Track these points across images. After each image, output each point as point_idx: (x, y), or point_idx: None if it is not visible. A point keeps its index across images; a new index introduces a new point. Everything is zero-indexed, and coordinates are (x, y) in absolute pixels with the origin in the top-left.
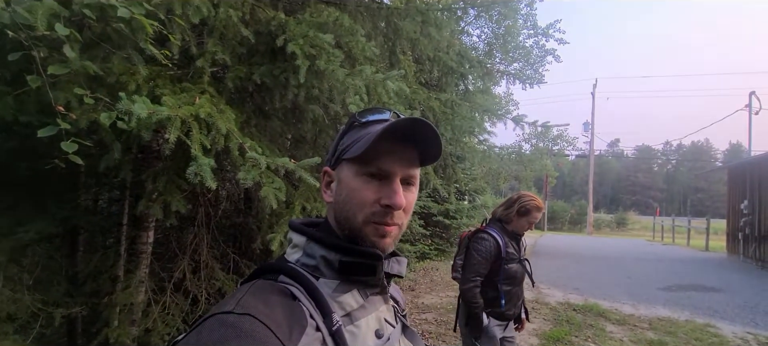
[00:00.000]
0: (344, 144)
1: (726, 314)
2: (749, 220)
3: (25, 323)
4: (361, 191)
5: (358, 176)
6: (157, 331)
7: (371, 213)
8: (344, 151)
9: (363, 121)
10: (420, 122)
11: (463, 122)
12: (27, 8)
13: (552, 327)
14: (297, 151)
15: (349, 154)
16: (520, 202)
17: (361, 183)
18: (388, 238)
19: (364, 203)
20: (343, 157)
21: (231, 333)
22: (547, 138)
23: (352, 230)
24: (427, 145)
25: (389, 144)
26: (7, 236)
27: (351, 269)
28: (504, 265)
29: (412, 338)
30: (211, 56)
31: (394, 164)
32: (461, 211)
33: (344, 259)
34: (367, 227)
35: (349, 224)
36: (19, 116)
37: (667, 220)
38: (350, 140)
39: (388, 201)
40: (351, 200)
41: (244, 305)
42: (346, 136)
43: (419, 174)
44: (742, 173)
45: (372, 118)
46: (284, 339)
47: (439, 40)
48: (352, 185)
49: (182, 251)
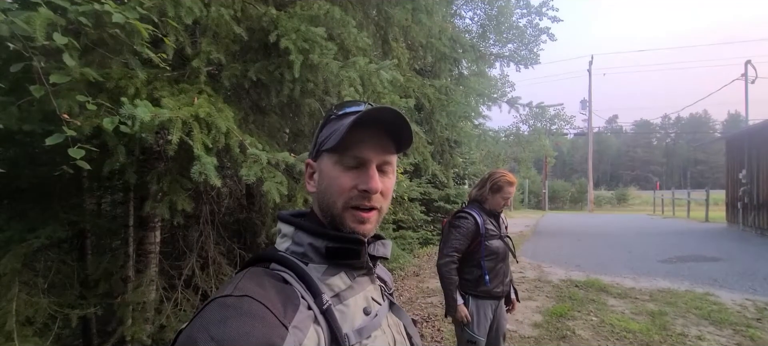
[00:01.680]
0: (323, 136)
1: (725, 283)
2: (748, 189)
3: (43, 325)
4: (339, 179)
5: (336, 165)
6: (170, 327)
7: (349, 198)
8: (323, 143)
9: (340, 113)
10: (387, 109)
11: (458, 107)
12: (25, 19)
13: (554, 304)
14: (296, 144)
15: (327, 145)
16: (492, 179)
17: (339, 172)
18: (367, 223)
19: (343, 189)
20: (322, 149)
21: (232, 313)
22: (545, 118)
23: (333, 217)
24: (399, 132)
25: (363, 133)
26: (19, 243)
27: (337, 254)
28: (484, 241)
29: (399, 314)
30: (206, 56)
31: (368, 152)
32: (461, 195)
33: (330, 245)
34: (346, 213)
35: (330, 211)
36: (23, 125)
37: (667, 193)
38: (328, 132)
39: (364, 186)
40: (331, 188)
41: (242, 289)
42: (325, 128)
43: (396, 161)
44: (740, 143)
45: (348, 110)
46: (280, 316)
47: (430, 26)
48: (332, 174)
49: (189, 249)
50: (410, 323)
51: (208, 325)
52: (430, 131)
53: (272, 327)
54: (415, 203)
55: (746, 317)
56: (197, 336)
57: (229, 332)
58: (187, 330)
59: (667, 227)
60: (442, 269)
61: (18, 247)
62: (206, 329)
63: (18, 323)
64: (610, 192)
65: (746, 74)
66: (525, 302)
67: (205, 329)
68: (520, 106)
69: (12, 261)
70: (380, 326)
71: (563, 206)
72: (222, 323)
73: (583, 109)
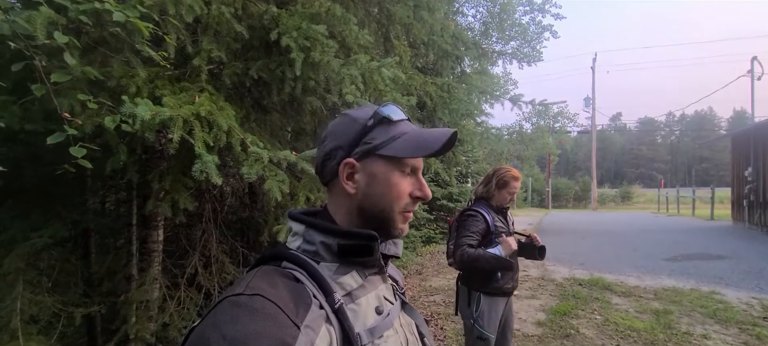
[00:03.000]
0: (375, 140)
1: (731, 281)
2: (754, 187)
3: (47, 323)
4: (400, 185)
5: (395, 171)
6: (174, 325)
7: (406, 204)
8: (378, 147)
9: (393, 120)
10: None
11: (461, 105)
12: (26, 18)
13: (558, 302)
14: (297, 143)
15: (390, 152)
16: (497, 175)
17: (399, 178)
18: (407, 224)
19: (402, 195)
20: (380, 153)
21: (243, 312)
22: (548, 116)
23: (384, 220)
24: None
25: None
26: (22, 242)
27: (349, 252)
28: (494, 238)
29: (411, 313)
30: (207, 54)
31: (420, 161)
32: (464, 193)
33: (343, 242)
34: (399, 216)
35: (383, 214)
36: (25, 125)
37: (671, 191)
38: (384, 137)
39: (420, 194)
40: (390, 193)
41: (253, 287)
42: (374, 130)
43: None
44: (746, 141)
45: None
46: (291, 315)
47: (432, 24)
48: (392, 180)
49: (192, 248)
50: (423, 322)
51: (219, 324)
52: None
53: (284, 326)
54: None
55: (752, 316)
56: (209, 335)
57: (240, 331)
58: (198, 328)
59: (672, 225)
60: (464, 259)
61: (22, 246)
62: (218, 328)
63: (22, 321)
64: (614, 190)
65: (752, 71)
66: (528, 301)
67: (216, 327)
68: (523, 104)
69: (16, 260)
70: (392, 326)
71: (567, 204)
72: (233, 322)
73: (587, 106)
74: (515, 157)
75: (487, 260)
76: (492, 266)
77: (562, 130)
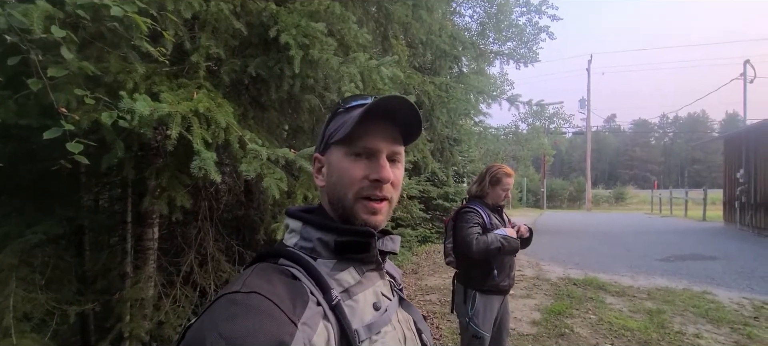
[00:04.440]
0: (331, 129)
1: (723, 281)
2: (745, 188)
3: (41, 321)
4: (350, 170)
5: (346, 156)
6: (169, 323)
7: (360, 189)
8: (331, 136)
9: (347, 106)
10: (397, 99)
11: (458, 105)
12: (22, 12)
13: (553, 302)
14: (295, 141)
15: (336, 137)
16: (490, 173)
17: (349, 163)
18: (379, 215)
19: (354, 180)
20: (331, 142)
21: (240, 309)
22: (543, 116)
23: (344, 209)
24: (408, 122)
25: (372, 124)
26: (16, 239)
27: (346, 248)
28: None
29: (409, 309)
30: (205, 51)
31: (378, 142)
32: (460, 193)
33: (339, 239)
34: (358, 204)
35: (341, 203)
36: (21, 120)
37: (665, 192)
38: (337, 125)
39: (376, 175)
40: (341, 180)
41: (250, 285)
42: (332, 122)
43: (404, 152)
44: (738, 143)
45: (355, 103)
46: (288, 313)
47: (430, 23)
48: (342, 166)
49: (188, 246)
50: (420, 318)
51: (216, 321)
52: (430, 129)
53: (281, 324)
54: (414, 201)
55: (743, 316)
56: (205, 333)
57: (237, 328)
58: (195, 326)
59: (665, 226)
60: (479, 245)
61: (15, 243)
62: (215, 326)
63: (15, 318)
64: (608, 191)
65: (745, 74)
66: (523, 300)
67: (213, 325)
68: (520, 104)
69: (9, 257)
70: (390, 322)
71: (561, 204)
72: (230, 320)
73: (582, 107)
74: (511, 157)
75: (497, 249)
76: (503, 247)
77: (557, 130)
